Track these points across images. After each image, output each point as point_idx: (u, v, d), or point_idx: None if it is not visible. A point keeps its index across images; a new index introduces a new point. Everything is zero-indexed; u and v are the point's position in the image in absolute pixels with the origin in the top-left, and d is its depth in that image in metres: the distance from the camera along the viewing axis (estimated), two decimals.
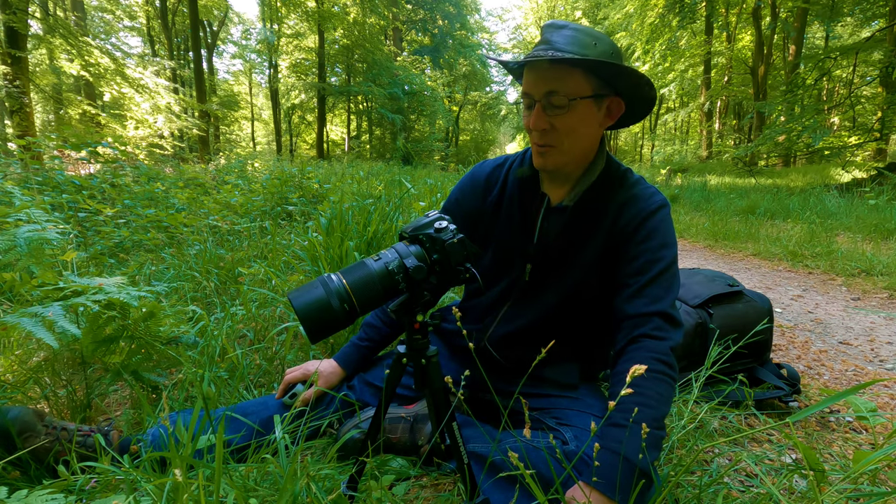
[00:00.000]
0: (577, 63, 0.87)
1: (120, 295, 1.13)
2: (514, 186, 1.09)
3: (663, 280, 0.93)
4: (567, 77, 0.89)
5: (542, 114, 0.92)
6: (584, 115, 0.92)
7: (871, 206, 6.01)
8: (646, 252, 0.95)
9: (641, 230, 0.96)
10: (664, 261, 0.94)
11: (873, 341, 2.15)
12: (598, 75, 0.91)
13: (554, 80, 0.89)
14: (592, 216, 1.01)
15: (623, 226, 0.98)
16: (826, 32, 16.56)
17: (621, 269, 0.97)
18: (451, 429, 0.80)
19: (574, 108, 0.91)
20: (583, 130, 0.95)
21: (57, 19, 11.66)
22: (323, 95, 22.88)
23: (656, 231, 0.96)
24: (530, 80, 0.92)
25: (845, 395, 0.65)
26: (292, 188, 4.60)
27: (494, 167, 1.15)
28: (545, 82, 0.90)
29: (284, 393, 1.16)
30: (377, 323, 1.25)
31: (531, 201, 1.06)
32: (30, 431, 0.94)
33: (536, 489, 0.65)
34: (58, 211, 2.95)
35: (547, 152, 0.96)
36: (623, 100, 0.96)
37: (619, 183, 1.01)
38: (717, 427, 1.32)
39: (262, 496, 0.81)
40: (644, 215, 0.96)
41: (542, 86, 0.90)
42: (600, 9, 23.89)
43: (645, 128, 31.82)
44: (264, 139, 35.63)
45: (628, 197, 0.99)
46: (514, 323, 1.08)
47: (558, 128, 0.92)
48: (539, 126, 0.92)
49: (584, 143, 0.97)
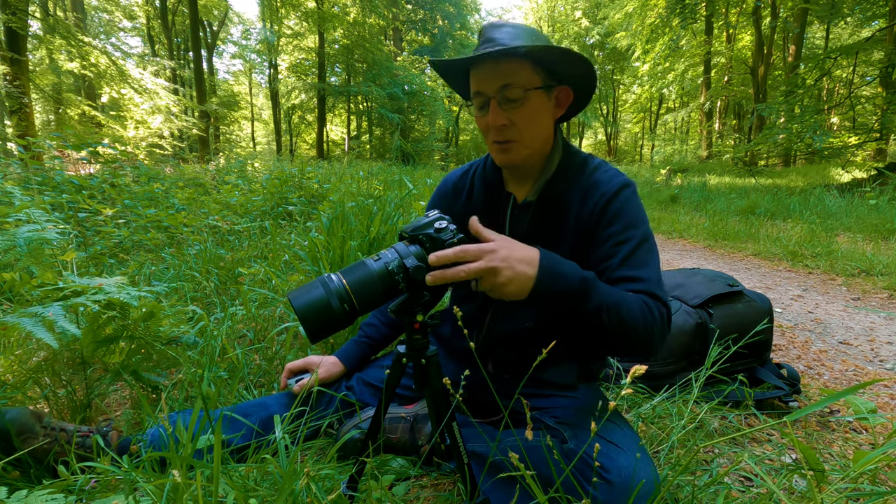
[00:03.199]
0: (529, 51, 0.88)
1: (120, 295, 1.13)
2: (480, 190, 1.09)
3: (635, 259, 0.90)
4: (518, 70, 0.90)
5: (499, 109, 0.92)
6: (538, 105, 0.93)
7: (871, 206, 6.02)
8: (612, 236, 0.93)
9: (606, 214, 0.94)
10: (633, 240, 0.92)
11: (873, 341, 2.15)
12: (544, 67, 0.92)
13: (507, 74, 0.90)
14: (556, 209, 1.00)
15: (588, 214, 0.96)
16: (826, 32, 16.57)
17: (592, 257, 0.95)
18: (451, 429, 0.80)
19: (529, 99, 0.91)
20: (539, 121, 0.95)
21: (57, 19, 11.66)
22: (323, 95, 22.88)
23: (620, 212, 0.94)
24: (482, 78, 0.92)
25: (845, 395, 0.65)
26: (292, 188, 4.60)
27: (460, 175, 1.16)
28: (498, 77, 0.90)
29: (286, 381, 1.18)
30: (376, 323, 1.27)
31: (497, 202, 1.06)
32: (28, 432, 0.94)
33: (536, 489, 0.65)
34: (58, 211, 2.95)
35: (509, 148, 0.96)
36: (570, 88, 0.98)
37: (579, 171, 1.01)
38: (717, 427, 1.32)
39: (262, 496, 0.81)
40: (606, 199, 0.95)
41: (496, 81, 0.90)
42: (600, 9, 23.89)
43: (645, 128, 31.86)
44: (264, 139, 35.64)
45: (589, 184, 0.98)
46: (502, 328, 1.07)
47: (516, 121, 0.93)
48: (498, 122, 0.92)
49: (542, 135, 0.98)
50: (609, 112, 32.46)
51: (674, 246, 5.09)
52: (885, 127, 9.01)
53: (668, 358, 1.50)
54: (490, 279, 0.74)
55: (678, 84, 18.70)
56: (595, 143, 38.28)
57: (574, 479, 0.78)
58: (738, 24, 16.76)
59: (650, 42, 16.80)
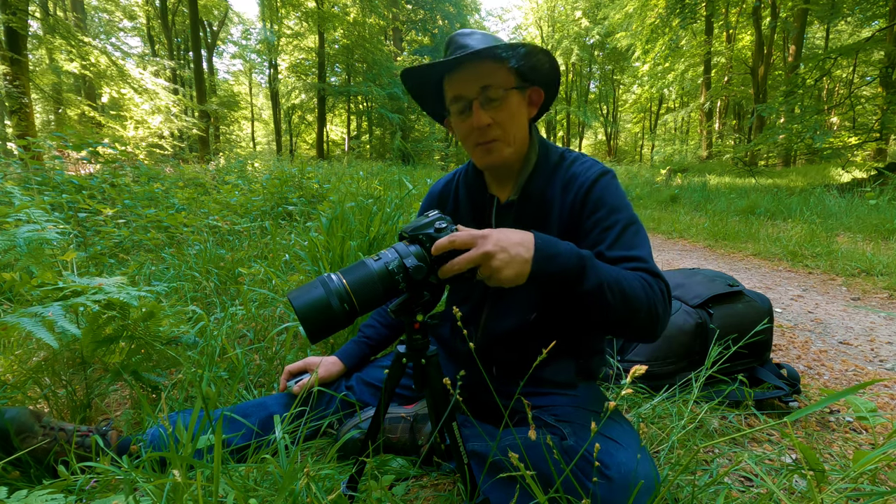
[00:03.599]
0: (506, 49, 0.91)
1: (120, 295, 1.13)
2: (465, 196, 1.12)
3: (625, 241, 0.90)
4: (496, 71, 0.93)
5: (481, 110, 0.94)
6: (517, 104, 0.97)
7: (871, 206, 6.02)
8: (598, 222, 0.94)
9: (588, 204, 0.96)
10: (620, 223, 0.92)
11: (873, 341, 2.15)
12: (516, 69, 0.95)
13: (486, 76, 0.93)
14: (538, 205, 1.01)
15: (570, 206, 0.98)
16: (826, 32, 16.57)
17: (581, 247, 0.95)
18: (450, 428, 0.80)
19: (509, 97, 0.94)
20: (519, 120, 0.98)
21: (57, 19, 11.66)
22: (323, 95, 22.88)
23: (601, 199, 0.95)
24: (461, 81, 0.94)
25: (845, 395, 0.65)
26: (292, 188, 4.60)
27: (445, 183, 1.20)
28: (478, 79, 0.93)
29: (286, 383, 1.19)
30: (375, 324, 1.28)
31: (482, 205, 1.08)
32: (27, 432, 0.94)
33: (536, 489, 0.65)
34: (58, 211, 2.95)
35: (492, 148, 0.98)
36: (541, 88, 1.02)
37: (556, 166, 1.03)
38: (717, 427, 1.32)
39: (262, 496, 0.81)
40: (585, 189, 0.96)
41: (476, 82, 0.93)
42: (600, 9, 23.88)
43: (645, 128, 31.86)
44: (264, 139, 35.64)
45: (568, 177, 1.00)
46: (498, 328, 1.08)
47: (499, 120, 0.95)
48: (482, 122, 0.94)
49: (521, 133, 1.00)
50: (609, 112, 32.47)
51: (674, 246, 5.09)
52: (885, 127, 9.00)
53: (668, 358, 1.50)
54: (487, 265, 0.74)
55: (678, 84, 18.70)
56: (595, 143, 38.29)
57: (573, 478, 0.78)
58: (738, 24, 16.77)
59: (650, 42, 16.80)
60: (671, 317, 1.51)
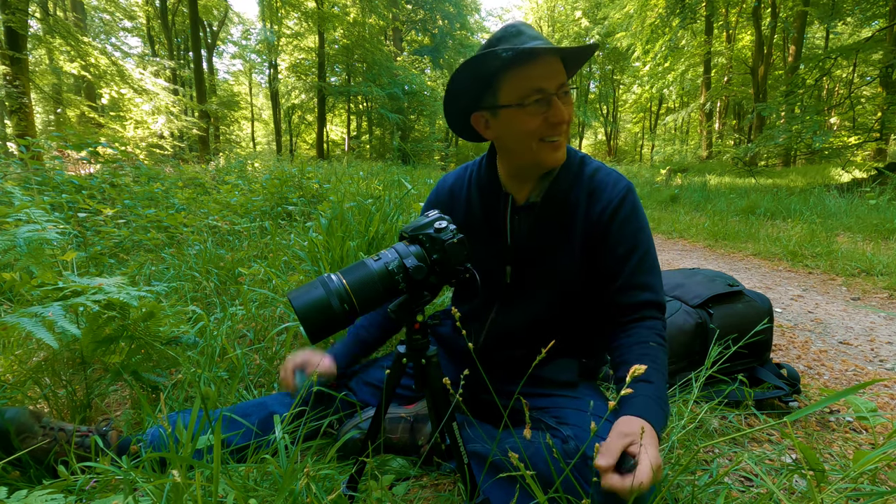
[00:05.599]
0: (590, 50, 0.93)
1: (120, 295, 1.13)
2: (477, 193, 1.10)
3: (645, 265, 0.97)
4: (562, 68, 0.93)
5: (563, 106, 0.92)
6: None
7: (871, 206, 6.02)
8: (625, 239, 0.97)
9: (616, 219, 0.98)
10: (643, 245, 0.98)
11: (873, 341, 2.15)
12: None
13: (562, 73, 0.92)
14: (562, 209, 1.01)
15: (597, 216, 0.99)
16: (826, 32, 16.57)
17: (604, 260, 0.99)
18: (450, 428, 0.80)
19: (571, 96, 0.96)
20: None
21: (57, 19, 11.66)
22: (323, 95, 22.88)
23: (629, 217, 0.98)
24: (546, 74, 0.90)
25: (845, 395, 0.65)
26: (292, 188, 4.60)
27: (456, 178, 1.17)
28: (558, 74, 0.91)
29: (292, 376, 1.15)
30: (366, 324, 1.25)
31: (496, 204, 1.07)
32: (27, 432, 0.94)
33: (537, 489, 0.65)
34: (58, 211, 2.95)
35: (562, 145, 0.97)
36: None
37: (579, 171, 1.03)
38: (717, 427, 1.32)
39: (262, 496, 0.81)
40: (615, 204, 0.98)
41: (556, 78, 0.91)
42: (600, 9, 23.86)
43: (645, 128, 31.84)
44: (264, 139, 35.62)
45: (594, 186, 1.01)
46: (505, 326, 1.08)
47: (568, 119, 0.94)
48: (565, 118, 0.93)
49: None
50: (609, 112, 32.45)
51: (674, 246, 5.09)
52: (885, 127, 9.01)
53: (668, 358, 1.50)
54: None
55: (678, 84, 18.67)
56: (595, 143, 38.27)
57: (573, 479, 0.78)
58: (738, 25, 16.76)
59: (650, 42, 16.78)
60: (671, 317, 1.52)
